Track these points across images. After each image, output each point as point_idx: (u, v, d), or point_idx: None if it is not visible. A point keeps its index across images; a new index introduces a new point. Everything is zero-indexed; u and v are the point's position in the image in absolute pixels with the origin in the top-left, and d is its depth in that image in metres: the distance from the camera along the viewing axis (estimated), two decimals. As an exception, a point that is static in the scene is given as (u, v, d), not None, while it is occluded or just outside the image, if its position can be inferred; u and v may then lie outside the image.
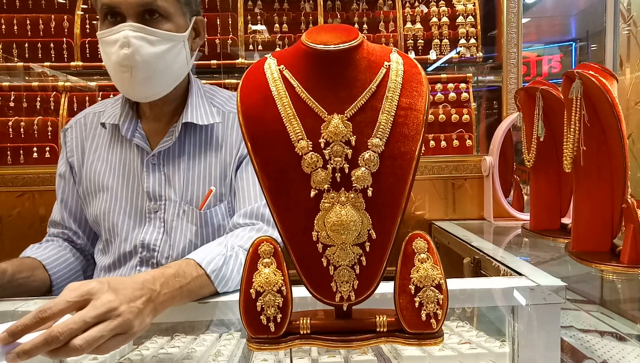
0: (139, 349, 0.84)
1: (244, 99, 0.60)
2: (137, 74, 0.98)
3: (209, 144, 1.11)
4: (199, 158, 1.10)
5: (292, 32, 2.02)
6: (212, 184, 1.09)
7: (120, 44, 0.96)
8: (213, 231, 1.09)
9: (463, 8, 2.03)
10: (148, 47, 0.98)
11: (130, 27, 0.96)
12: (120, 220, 1.10)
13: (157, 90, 1.04)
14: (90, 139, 1.16)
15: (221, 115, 1.13)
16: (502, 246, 1.43)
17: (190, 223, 1.08)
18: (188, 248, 1.07)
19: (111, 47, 0.98)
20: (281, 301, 0.59)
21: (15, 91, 1.91)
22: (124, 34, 0.96)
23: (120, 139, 1.13)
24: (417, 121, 0.59)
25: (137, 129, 1.11)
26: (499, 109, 2.02)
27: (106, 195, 1.11)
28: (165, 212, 1.08)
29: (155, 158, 1.09)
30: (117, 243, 1.10)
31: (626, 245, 1.03)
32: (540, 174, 1.49)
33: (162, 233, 1.08)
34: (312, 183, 0.58)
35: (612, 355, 0.85)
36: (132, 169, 1.11)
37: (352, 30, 0.59)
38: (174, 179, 1.09)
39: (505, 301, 0.90)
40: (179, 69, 1.06)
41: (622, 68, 1.77)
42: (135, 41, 0.96)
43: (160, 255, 1.07)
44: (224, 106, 1.15)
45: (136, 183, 1.10)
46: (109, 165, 1.13)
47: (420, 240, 0.60)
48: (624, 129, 1.02)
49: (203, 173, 1.10)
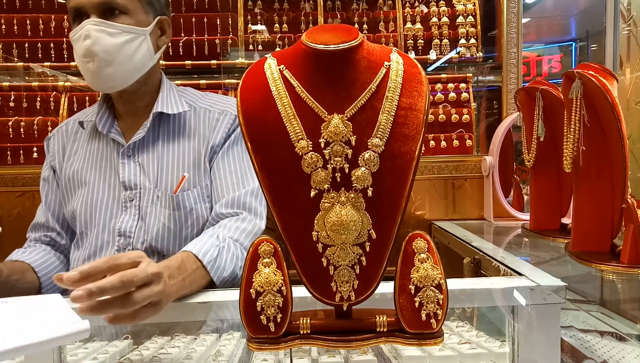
0: (139, 349, 0.84)
1: (244, 99, 0.60)
2: (98, 63, 1.05)
3: (180, 133, 1.17)
4: (171, 146, 1.16)
5: (292, 32, 2.02)
6: (185, 171, 1.14)
7: (83, 37, 1.04)
8: (186, 214, 1.13)
9: (463, 8, 2.03)
10: (107, 38, 1.05)
11: (92, 22, 1.04)
12: (98, 212, 1.14)
13: (119, 80, 1.10)
14: (71, 143, 1.23)
15: (192, 109, 1.20)
16: (502, 246, 1.43)
17: (163, 207, 1.13)
18: (162, 231, 1.12)
19: (77, 43, 1.06)
20: (281, 301, 0.59)
21: (15, 91, 1.91)
22: (85, 28, 1.04)
23: (98, 136, 1.19)
24: (417, 121, 0.59)
25: (114, 125, 1.18)
26: (499, 109, 2.02)
27: (84, 189, 1.16)
28: (140, 200, 1.13)
29: (130, 149, 1.15)
30: (93, 234, 1.14)
31: (626, 245, 1.03)
32: (540, 174, 1.49)
33: (137, 219, 1.13)
34: (312, 183, 0.58)
35: (612, 355, 0.85)
36: (109, 162, 1.17)
37: (352, 30, 0.59)
38: (147, 168, 1.14)
39: (505, 301, 0.90)
40: (140, 60, 1.12)
41: (622, 68, 1.77)
42: (95, 33, 1.04)
43: (135, 240, 1.12)
44: (195, 103, 1.22)
45: (113, 175, 1.16)
46: (87, 161, 1.19)
47: (420, 240, 0.60)
48: (624, 129, 1.02)
49: (176, 160, 1.15)
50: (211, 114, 1.19)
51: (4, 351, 0.54)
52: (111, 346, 0.84)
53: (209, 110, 1.20)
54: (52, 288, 1.12)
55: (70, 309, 0.65)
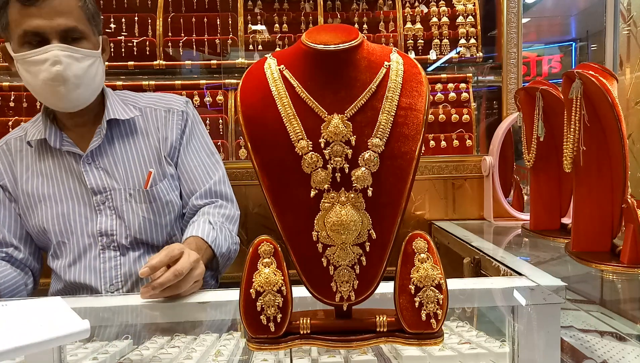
0: (139, 349, 0.84)
1: (244, 99, 0.60)
2: (69, 87, 1.10)
3: (134, 135, 1.25)
4: (128, 147, 1.24)
5: (292, 32, 2.02)
6: (150, 167, 1.23)
7: (52, 62, 1.07)
8: (162, 205, 1.23)
9: (463, 8, 2.03)
10: (76, 63, 1.10)
11: (59, 48, 1.07)
12: (72, 220, 1.20)
13: (83, 100, 1.16)
14: (19, 161, 1.25)
15: (138, 109, 1.27)
16: (502, 246, 1.43)
17: (139, 202, 1.21)
18: (143, 224, 1.22)
19: (39, 66, 1.08)
20: (281, 301, 0.59)
21: (15, 91, 1.91)
22: (53, 53, 1.07)
23: (49, 151, 1.23)
24: (417, 121, 0.59)
25: (64, 138, 1.21)
26: (499, 109, 2.02)
27: (49, 203, 1.21)
28: (112, 200, 1.21)
29: (89, 157, 1.20)
30: (73, 241, 1.20)
31: (626, 245, 1.03)
32: (540, 174, 1.49)
33: (115, 218, 1.21)
34: (312, 183, 0.58)
35: (612, 355, 0.85)
36: (70, 173, 1.21)
37: (352, 30, 0.59)
38: (112, 171, 1.21)
39: (505, 301, 0.90)
40: (99, 80, 1.19)
41: (622, 68, 1.78)
42: (65, 59, 1.08)
43: (119, 237, 1.20)
44: (137, 103, 1.29)
45: (76, 183, 1.21)
46: (45, 177, 1.22)
47: (420, 240, 0.60)
48: (624, 129, 1.02)
49: (137, 159, 1.23)
50: (157, 112, 1.28)
51: (4, 351, 0.54)
52: (111, 346, 0.84)
53: (153, 108, 1.28)
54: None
55: (71, 310, 0.65)
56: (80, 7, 1.11)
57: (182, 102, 1.31)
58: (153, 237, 1.23)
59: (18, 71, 1.12)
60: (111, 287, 1.19)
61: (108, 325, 0.92)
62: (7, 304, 0.67)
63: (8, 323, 0.61)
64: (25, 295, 1.22)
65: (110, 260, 1.19)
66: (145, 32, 1.94)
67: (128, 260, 1.20)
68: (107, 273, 1.19)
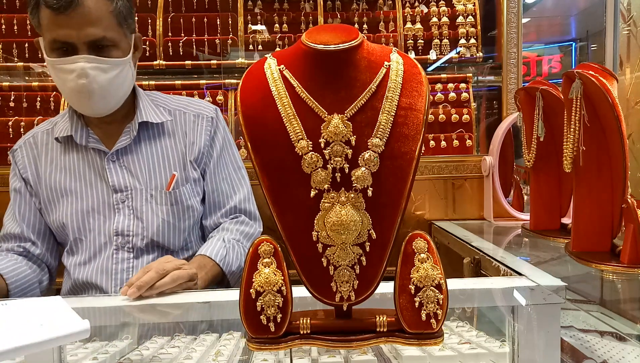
0: (139, 349, 0.84)
1: (244, 99, 0.60)
2: (94, 98, 1.11)
3: (161, 137, 1.25)
4: (154, 149, 1.23)
5: (292, 32, 2.02)
6: (173, 170, 1.23)
7: (77, 74, 1.07)
8: (184, 209, 1.23)
9: (463, 8, 2.03)
10: (102, 75, 1.10)
11: (85, 60, 1.07)
12: (91, 217, 1.20)
13: (110, 108, 1.17)
14: (44, 154, 1.25)
15: (168, 112, 1.27)
16: (502, 246, 1.42)
17: (160, 204, 1.21)
18: (161, 226, 1.20)
19: (67, 75, 1.09)
20: (281, 301, 0.59)
21: (15, 91, 1.91)
22: (80, 65, 1.07)
23: (74, 147, 1.23)
24: (417, 121, 0.59)
25: (90, 135, 1.21)
26: (499, 109, 2.02)
27: (70, 198, 1.20)
28: (132, 200, 1.20)
29: (114, 155, 1.20)
30: (90, 238, 1.20)
31: (626, 245, 1.03)
32: (540, 174, 1.49)
33: (132, 218, 1.19)
34: (312, 183, 0.58)
35: (612, 355, 0.85)
36: (93, 170, 1.21)
37: (352, 30, 0.59)
38: (135, 171, 1.21)
39: (505, 301, 0.90)
40: (128, 86, 1.19)
41: (622, 68, 1.78)
42: (91, 72, 1.08)
43: (135, 239, 1.19)
44: (167, 105, 1.29)
45: (98, 181, 1.21)
46: (69, 172, 1.22)
47: (420, 240, 0.60)
48: (624, 129, 1.02)
49: (162, 161, 1.23)
50: (186, 116, 1.27)
51: (4, 351, 0.54)
52: (111, 346, 0.84)
53: (183, 112, 1.27)
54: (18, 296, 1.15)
55: (71, 310, 0.65)
56: (111, 13, 1.09)
57: (212, 109, 1.31)
58: (169, 241, 1.22)
59: (49, 70, 1.13)
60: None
61: (108, 324, 0.92)
62: (7, 303, 0.67)
63: (8, 323, 0.61)
64: (39, 292, 1.22)
65: (123, 261, 1.18)
66: (146, 32, 1.94)
67: (141, 263, 1.19)
68: (118, 275, 1.18)
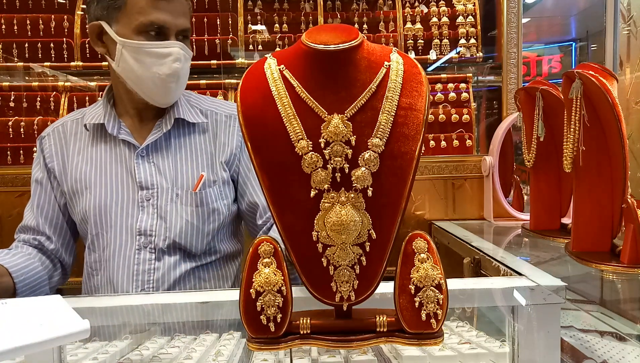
0: (138, 349, 0.84)
1: (244, 99, 0.60)
2: (178, 83, 1.13)
3: (191, 135, 1.21)
4: (184, 147, 1.20)
5: (292, 32, 2.02)
6: (201, 171, 1.18)
7: (174, 58, 1.09)
8: (209, 211, 1.18)
9: (463, 8, 2.03)
10: (186, 63, 1.14)
11: (179, 46, 1.10)
12: (113, 212, 1.15)
13: (177, 96, 1.18)
14: (72, 144, 1.21)
15: (202, 113, 1.24)
16: (502, 246, 1.43)
17: (185, 205, 1.16)
18: (185, 228, 1.15)
19: (159, 59, 1.09)
20: (281, 301, 0.59)
21: (15, 91, 1.91)
22: (177, 50, 1.10)
23: (104, 138, 1.19)
24: (417, 121, 0.59)
25: (122, 126, 1.18)
26: (499, 109, 2.02)
27: (96, 191, 1.16)
28: (158, 199, 1.15)
29: (144, 150, 1.17)
30: (110, 235, 1.15)
31: (626, 245, 1.03)
32: (540, 174, 1.49)
33: (156, 217, 1.15)
34: (312, 183, 0.58)
35: (612, 355, 0.85)
36: (121, 163, 1.17)
37: (352, 30, 0.59)
38: (163, 168, 1.17)
39: (505, 301, 0.90)
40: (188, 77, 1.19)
41: (622, 68, 1.78)
42: (182, 58, 1.11)
43: (157, 239, 1.14)
44: (200, 105, 1.26)
45: (125, 175, 1.17)
46: (96, 163, 1.18)
47: (420, 239, 0.60)
48: (624, 129, 1.02)
49: (191, 160, 1.19)
50: (218, 117, 1.24)
51: (4, 351, 0.54)
52: (111, 346, 0.84)
53: (215, 112, 1.25)
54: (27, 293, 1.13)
55: (71, 309, 0.65)
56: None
57: None
58: (192, 243, 1.16)
59: (120, 56, 1.10)
60: (142, 292, 1.12)
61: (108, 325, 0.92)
62: (7, 302, 0.67)
63: (8, 323, 0.61)
64: (48, 289, 1.18)
65: (145, 262, 1.13)
66: (145, 32, 1.94)
67: (163, 266, 1.14)
68: (139, 276, 1.13)
